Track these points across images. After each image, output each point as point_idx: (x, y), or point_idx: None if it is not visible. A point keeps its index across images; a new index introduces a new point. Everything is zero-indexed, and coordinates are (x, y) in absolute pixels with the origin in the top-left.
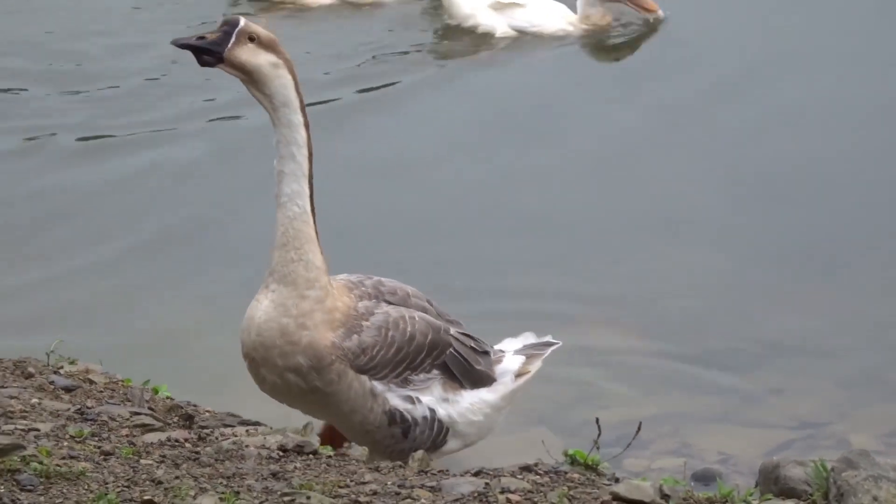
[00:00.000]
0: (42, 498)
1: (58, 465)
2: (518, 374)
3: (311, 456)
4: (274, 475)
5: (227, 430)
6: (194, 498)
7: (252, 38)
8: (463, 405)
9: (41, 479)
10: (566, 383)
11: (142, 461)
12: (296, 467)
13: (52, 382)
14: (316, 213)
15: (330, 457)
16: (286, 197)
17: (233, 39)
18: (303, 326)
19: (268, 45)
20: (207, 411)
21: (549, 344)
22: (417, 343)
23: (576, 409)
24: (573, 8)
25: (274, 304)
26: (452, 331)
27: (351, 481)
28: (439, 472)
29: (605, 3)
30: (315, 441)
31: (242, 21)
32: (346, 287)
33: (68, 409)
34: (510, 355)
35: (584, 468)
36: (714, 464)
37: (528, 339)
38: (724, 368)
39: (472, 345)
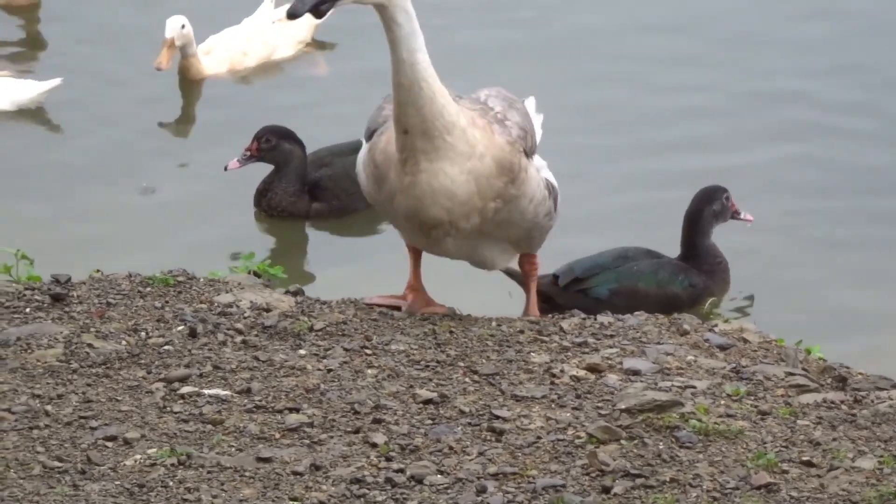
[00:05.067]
0: (700, 455)
1: (715, 423)
2: None
3: None
4: None
5: (883, 394)
6: (853, 460)
7: None
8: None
9: (699, 437)
10: None
11: (798, 422)
12: None
13: (706, 340)
14: None
15: None
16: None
17: None
18: (482, 157)
19: None
20: (860, 374)
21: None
22: (521, 112)
23: None
24: None
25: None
26: None
27: None
28: None
29: None
30: None
31: None
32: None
33: (724, 368)
34: None
35: None
36: None
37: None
38: None
39: None
